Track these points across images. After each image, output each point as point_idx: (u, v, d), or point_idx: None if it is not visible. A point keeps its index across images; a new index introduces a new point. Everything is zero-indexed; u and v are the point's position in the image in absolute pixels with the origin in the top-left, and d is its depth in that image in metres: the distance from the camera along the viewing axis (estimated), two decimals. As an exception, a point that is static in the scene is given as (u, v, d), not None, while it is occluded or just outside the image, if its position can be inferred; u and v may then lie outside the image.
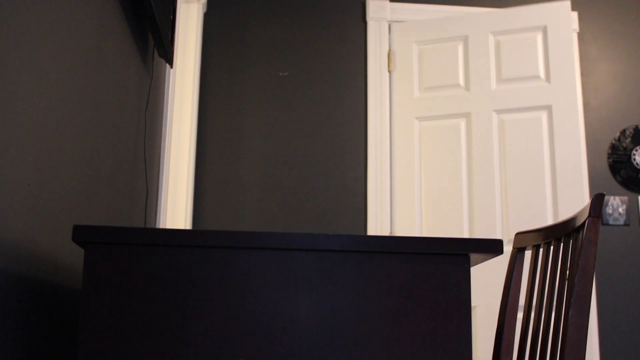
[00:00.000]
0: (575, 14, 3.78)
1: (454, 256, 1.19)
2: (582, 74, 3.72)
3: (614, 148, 3.65)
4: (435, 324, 1.16)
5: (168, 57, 2.37)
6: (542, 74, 3.41)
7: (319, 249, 1.17)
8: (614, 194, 3.58)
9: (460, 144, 3.40)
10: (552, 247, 1.62)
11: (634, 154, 3.65)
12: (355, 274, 1.17)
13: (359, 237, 1.17)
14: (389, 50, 3.62)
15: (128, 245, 1.15)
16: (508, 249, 3.23)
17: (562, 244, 1.56)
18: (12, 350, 1.14)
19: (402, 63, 3.59)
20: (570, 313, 1.40)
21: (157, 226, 2.55)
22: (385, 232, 3.37)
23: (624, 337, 3.41)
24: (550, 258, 1.63)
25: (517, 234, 1.79)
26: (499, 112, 3.39)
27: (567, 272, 1.49)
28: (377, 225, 3.37)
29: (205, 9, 3.48)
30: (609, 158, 3.64)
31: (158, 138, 2.60)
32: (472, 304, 3.25)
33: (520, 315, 3.04)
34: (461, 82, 3.48)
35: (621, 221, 3.57)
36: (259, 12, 3.60)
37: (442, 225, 3.30)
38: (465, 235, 3.32)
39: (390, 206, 3.42)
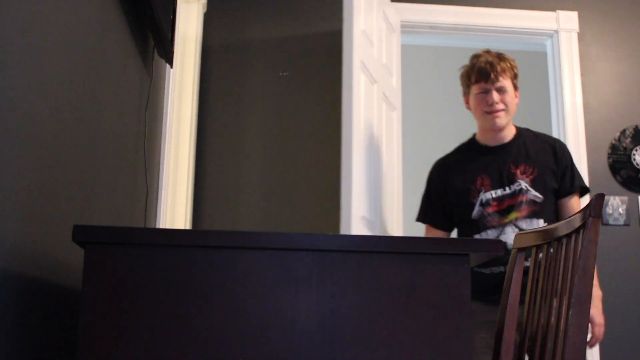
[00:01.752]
0: (575, 14, 3.78)
1: (454, 256, 1.19)
2: (582, 74, 3.72)
3: (614, 148, 3.65)
4: (435, 324, 1.16)
5: (168, 57, 2.37)
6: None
7: (319, 249, 1.17)
8: (614, 194, 3.59)
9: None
10: (552, 248, 1.62)
11: (634, 154, 3.65)
12: (355, 274, 1.17)
13: (359, 237, 1.17)
14: (389, 50, 3.61)
15: (128, 245, 1.15)
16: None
17: (562, 244, 1.56)
18: (11, 350, 1.14)
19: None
20: (570, 313, 1.40)
21: (157, 226, 2.55)
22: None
23: (623, 337, 3.41)
24: (550, 258, 1.63)
25: (518, 234, 1.79)
26: None
27: (568, 272, 1.49)
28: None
29: (205, 9, 3.48)
30: (609, 158, 3.64)
31: (158, 138, 2.60)
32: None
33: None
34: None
35: (621, 221, 3.57)
36: (259, 12, 3.60)
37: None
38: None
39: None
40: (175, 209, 3.05)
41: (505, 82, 2.41)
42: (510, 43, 3.92)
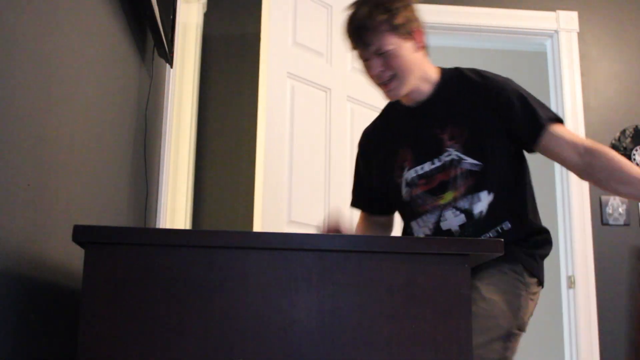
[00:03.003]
0: (575, 14, 3.78)
1: (454, 256, 1.19)
2: (582, 74, 3.72)
3: (614, 148, 3.65)
4: (435, 324, 1.16)
5: (168, 57, 2.37)
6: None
7: (319, 249, 1.17)
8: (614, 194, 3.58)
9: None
10: None
11: (634, 154, 3.65)
12: (355, 274, 1.17)
13: (359, 237, 1.18)
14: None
15: (128, 245, 1.15)
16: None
17: None
18: (12, 350, 1.14)
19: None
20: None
21: (157, 226, 2.55)
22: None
23: (624, 337, 3.41)
24: None
25: None
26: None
27: None
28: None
29: (205, 9, 3.48)
30: (609, 158, 3.63)
31: (158, 138, 2.60)
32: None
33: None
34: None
35: (621, 221, 3.57)
36: (259, 12, 3.59)
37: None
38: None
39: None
40: (175, 209, 3.05)
41: (385, 41, 1.73)
42: (510, 43, 3.92)
